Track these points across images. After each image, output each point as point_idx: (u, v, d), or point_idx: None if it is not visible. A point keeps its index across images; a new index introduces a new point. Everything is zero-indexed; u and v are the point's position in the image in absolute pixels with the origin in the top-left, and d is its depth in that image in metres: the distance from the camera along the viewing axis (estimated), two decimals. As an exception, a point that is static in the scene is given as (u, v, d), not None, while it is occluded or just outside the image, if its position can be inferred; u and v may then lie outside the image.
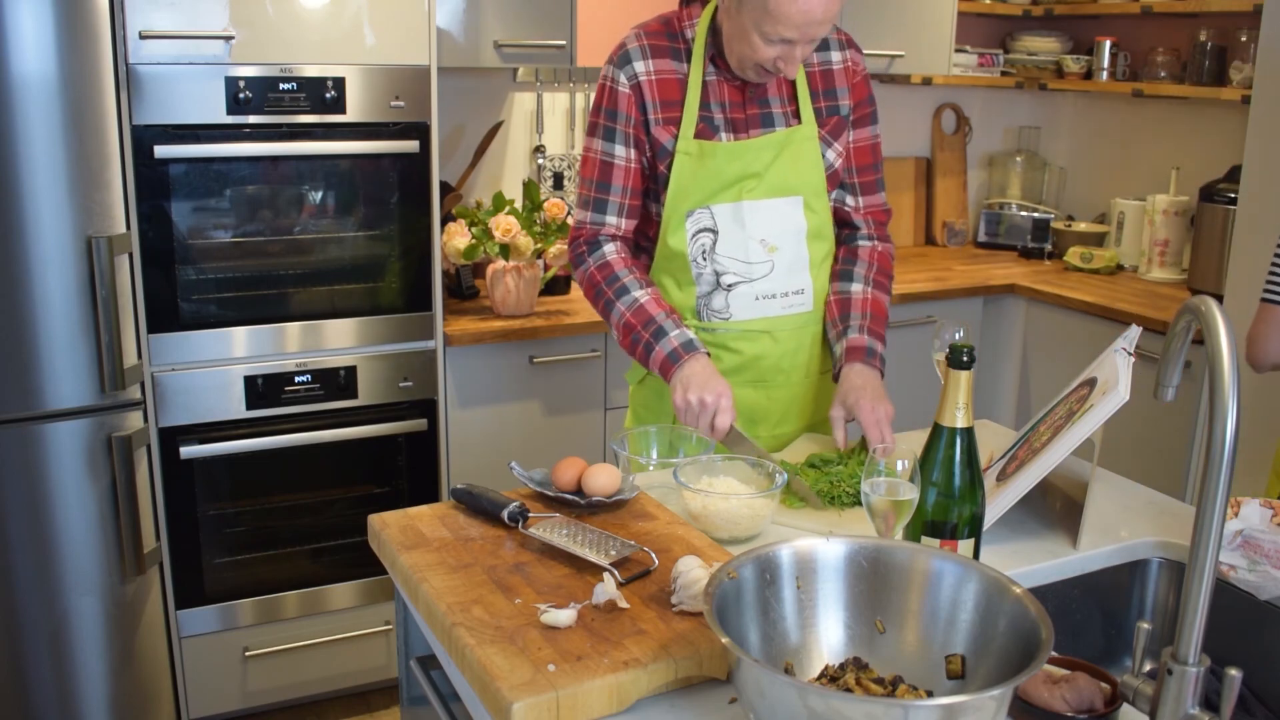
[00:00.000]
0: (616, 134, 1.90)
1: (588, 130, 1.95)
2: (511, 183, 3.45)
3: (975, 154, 4.26)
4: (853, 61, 1.96)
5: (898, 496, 1.34)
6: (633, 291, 1.88)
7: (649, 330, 1.85)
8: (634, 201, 1.94)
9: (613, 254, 1.93)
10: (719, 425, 1.76)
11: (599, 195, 1.93)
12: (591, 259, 1.93)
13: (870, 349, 1.88)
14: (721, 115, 1.88)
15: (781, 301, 1.93)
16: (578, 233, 1.96)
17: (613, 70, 1.90)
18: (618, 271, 1.90)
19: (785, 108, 1.91)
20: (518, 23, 2.97)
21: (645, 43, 1.89)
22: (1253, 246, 2.87)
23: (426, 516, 1.57)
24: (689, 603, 1.29)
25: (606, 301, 1.91)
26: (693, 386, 1.76)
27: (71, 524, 2.49)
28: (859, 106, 1.97)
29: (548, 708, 1.14)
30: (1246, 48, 3.29)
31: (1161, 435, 3.08)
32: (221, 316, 2.60)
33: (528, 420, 2.99)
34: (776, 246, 1.91)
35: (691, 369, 1.79)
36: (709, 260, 1.92)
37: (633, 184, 1.92)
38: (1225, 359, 1.04)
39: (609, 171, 1.91)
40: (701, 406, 1.75)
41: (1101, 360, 1.64)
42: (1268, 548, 1.49)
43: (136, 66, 2.40)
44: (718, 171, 1.87)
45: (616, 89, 1.89)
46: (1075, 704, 1.16)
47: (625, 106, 1.88)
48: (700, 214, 1.90)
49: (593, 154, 1.93)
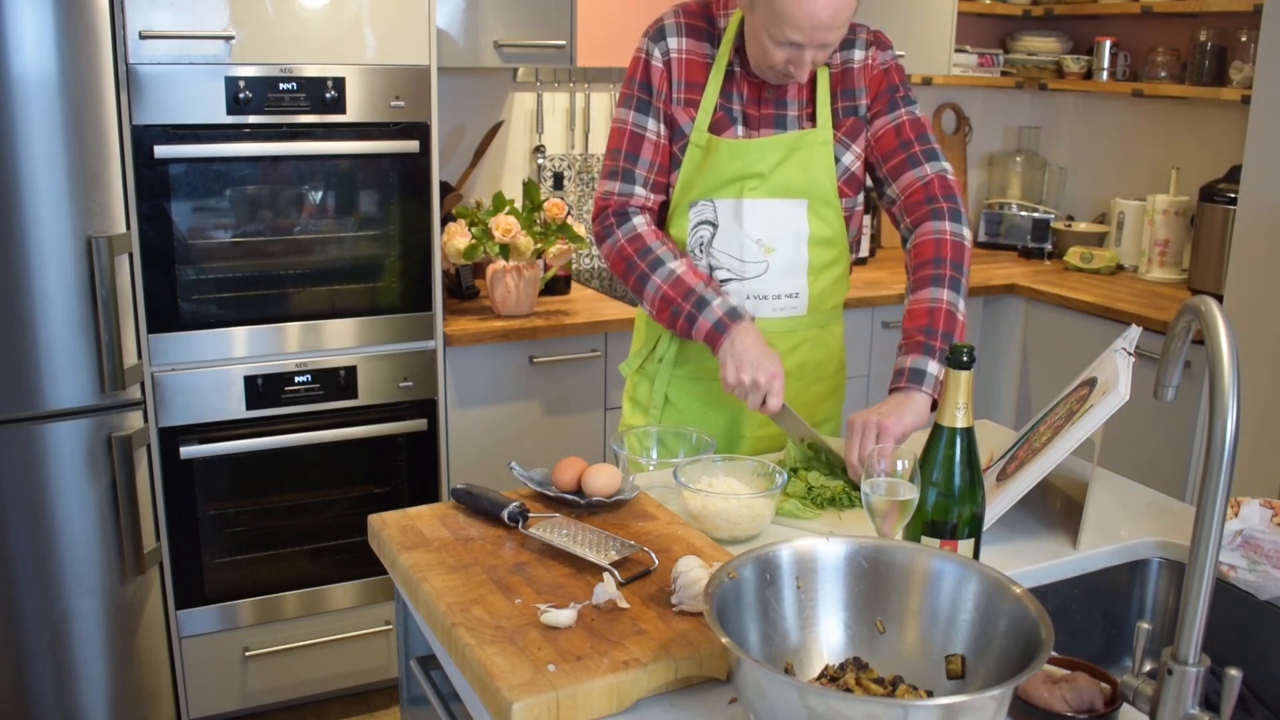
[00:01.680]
0: (650, 107, 1.89)
1: (619, 101, 1.94)
2: (511, 183, 3.45)
3: (975, 154, 4.26)
4: (873, 58, 1.92)
5: (898, 496, 1.34)
6: (668, 263, 1.85)
7: (690, 301, 1.82)
8: (660, 178, 1.93)
9: (643, 226, 1.90)
10: (771, 405, 1.75)
11: (627, 166, 1.91)
12: (621, 231, 1.90)
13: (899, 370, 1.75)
14: (739, 108, 1.88)
15: (774, 303, 1.92)
16: (605, 203, 1.93)
17: (648, 44, 1.90)
18: (650, 244, 1.88)
19: (801, 110, 1.90)
20: (518, 23, 2.97)
21: (682, 20, 1.89)
22: (1253, 246, 2.87)
23: (426, 516, 1.57)
24: (689, 603, 1.29)
25: (640, 275, 1.87)
26: (745, 365, 1.74)
27: (71, 524, 2.49)
28: (876, 99, 1.92)
29: (548, 708, 1.14)
30: (1246, 48, 3.29)
31: (1161, 435, 3.08)
32: (221, 316, 2.60)
33: (528, 420, 2.99)
34: (773, 248, 1.90)
35: (743, 343, 1.76)
36: (705, 253, 1.91)
37: (661, 160, 1.91)
38: (1225, 359, 1.04)
39: (639, 143, 1.90)
40: (755, 387, 1.74)
41: (1101, 360, 1.64)
42: (1268, 548, 1.49)
43: (136, 66, 2.40)
44: (720, 167, 1.87)
45: (651, 63, 1.89)
46: (1075, 704, 1.16)
47: (659, 81, 1.89)
48: (704, 205, 1.90)
49: (623, 125, 1.92)
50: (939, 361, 1.73)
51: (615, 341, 3.02)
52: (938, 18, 3.60)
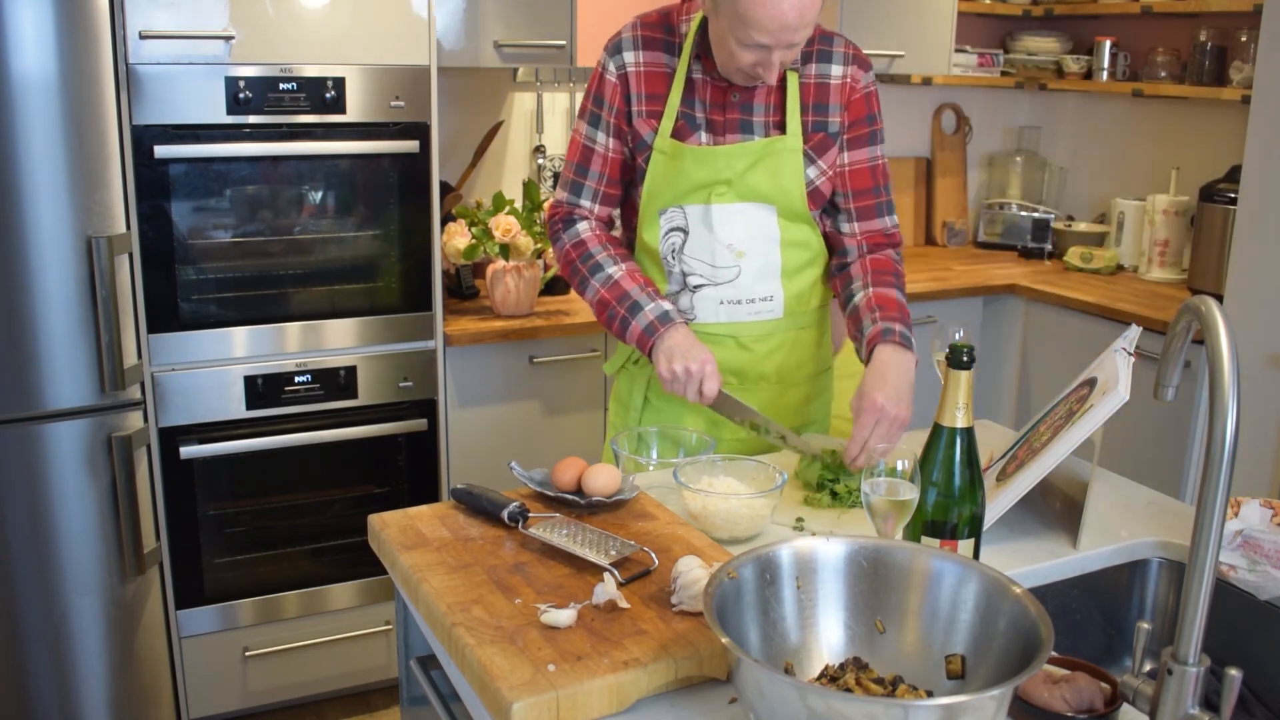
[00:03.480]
0: (600, 121, 1.91)
1: (578, 112, 1.97)
2: (511, 183, 3.45)
3: (975, 154, 4.26)
4: (853, 78, 1.88)
5: (898, 496, 1.34)
6: (607, 268, 1.89)
7: (624, 305, 1.85)
8: (610, 190, 1.95)
9: (587, 231, 1.94)
10: (706, 391, 1.76)
11: (576, 178, 1.95)
12: (566, 236, 1.95)
13: (887, 330, 1.79)
14: (702, 114, 1.87)
15: (748, 308, 1.91)
16: (554, 211, 1.99)
17: (605, 58, 1.91)
18: (592, 249, 1.92)
19: (769, 116, 1.87)
20: (518, 23, 2.97)
21: (640, 34, 1.89)
22: (1253, 246, 2.87)
23: (426, 516, 1.57)
24: (689, 603, 1.29)
25: (581, 279, 1.92)
26: (676, 356, 1.77)
27: (71, 524, 2.49)
28: (855, 125, 1.90)
29: (548, 708, 1.14)
30: (1246, 48, 3.29)
31: (1161, 435, 3.08)
32: (221, 316, 2.60)
33: (528, 420, 2.99)
34: (744, 252, 1.89)
35: (672, 340, 1.79)
36: (678, 260, 1.91)
37: (610, 172, 1.94)
38: (1225, 359, 1.04)
39: (589, 156, 1.93)
40: (688, 375, 1.76)
41: (1101, 360, 1.64)
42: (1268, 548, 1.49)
43: (136, 66, 2.40)
44: (686, 174, 1.86)
45: (605, 77, 1.90)
46: (1075, 704, 1.16)
47: (610, 95, 1.90)
48: (674, 212, 1.90)
49: (578, 136, 1.96)
50: (913, 338, 1.81)
51: (615, 341, 3.02)
52: (938, 18, 3.60)
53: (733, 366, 1.93)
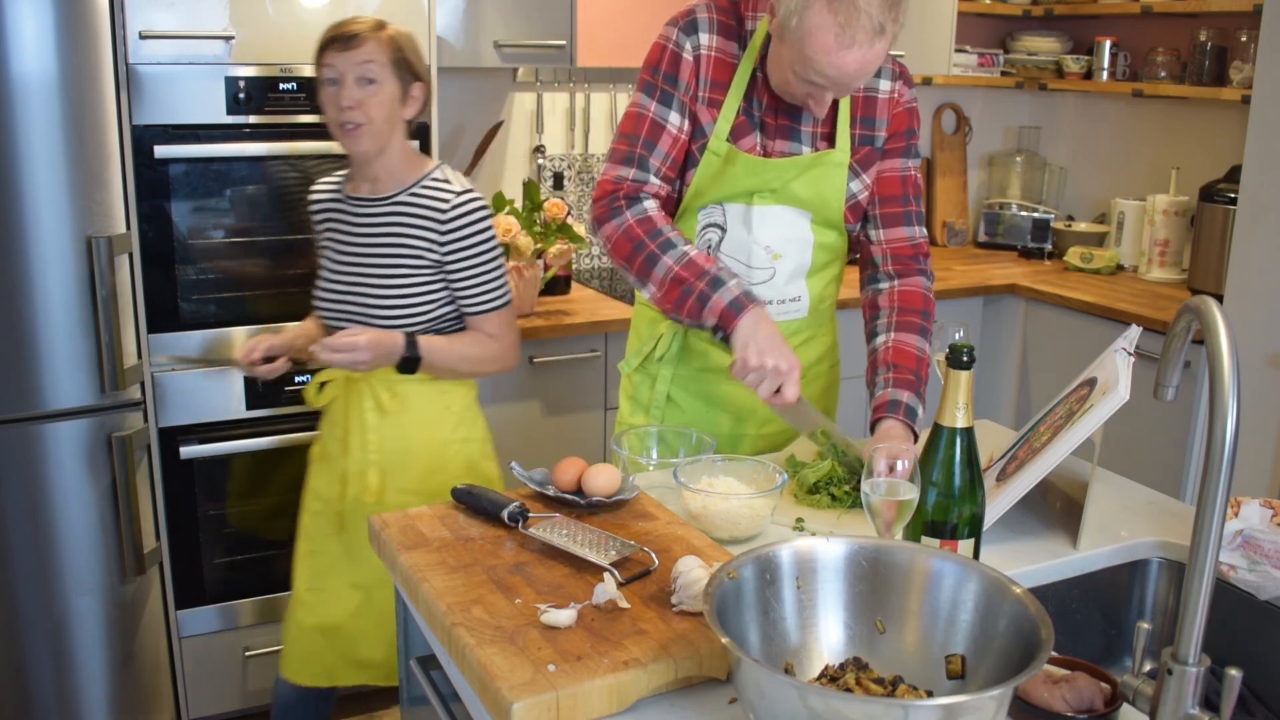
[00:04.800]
0: (674, 100, 1.84)
1: (639, 87, 1.88)
2: (511, 183, 3.45)
3: (975, 154, 4.26)
4: (899, 93, 1.89)
5: (898, 496, 1.34)
6: (680, 245, 1.80)
7: (704, 280, 1.75)
8: (671, 173, 1.88)
9: (654, 210, 1.85)
10: (789, 395, 1.69)
11: (644, 153, 1.85)
12: (630, 212, 1.83)
13: (894, 402, 1.77)
14: (759, 114, 1.85)
15: (778, 308, 1.92)
16: (615, 187, 1.86)
17: (679, 35, 1.84)
18: (661, 226, 1.82)
19: (817, 128, 1.86)
20: (518, 23, 2.97)
21: (714, 15, 1.85)
22: (1253, 246, 2.87)
23: (426, 516, 1.57)
24: (689, 603, 1.29)
25: (649, 255, 1.80)
26: (768, 350, 1.68)
27: (71, 524, 2.49)
28: (893, 138, 1.90)
29: (548, 708, 1.14)
30: (1246, 48, 3.30)
31: (1161, 435, 3.08)
32: (221, 316, 2.60)
33: (528, 420, 2.99)
34: (780, 254, 1.89)
35: (763, 329, 1.71)
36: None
37: (676, 154, 1.86)
38: (1225, 359, 1.04)
39: (658, 133, 1.85)
40: (774, 373, 1.67)
41: (1101, 360, 1.64)
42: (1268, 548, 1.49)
43: (136, 66, 2.39)
44: (735, 180, 1.85)
45: (681, 55, 1.84)
46: (1075, 704, 1.16)
47: (687, 75, 1.84)
48: (713, 209, 1.89)
49: (644, 111, 1.85)
50: (922, 408, 1.78)
51: (615, 341, 3.02)
52: (938, 18, 3.60)
53: None
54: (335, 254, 2.15)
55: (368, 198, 2.11)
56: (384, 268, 2.08)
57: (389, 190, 2.10)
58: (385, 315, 2.09)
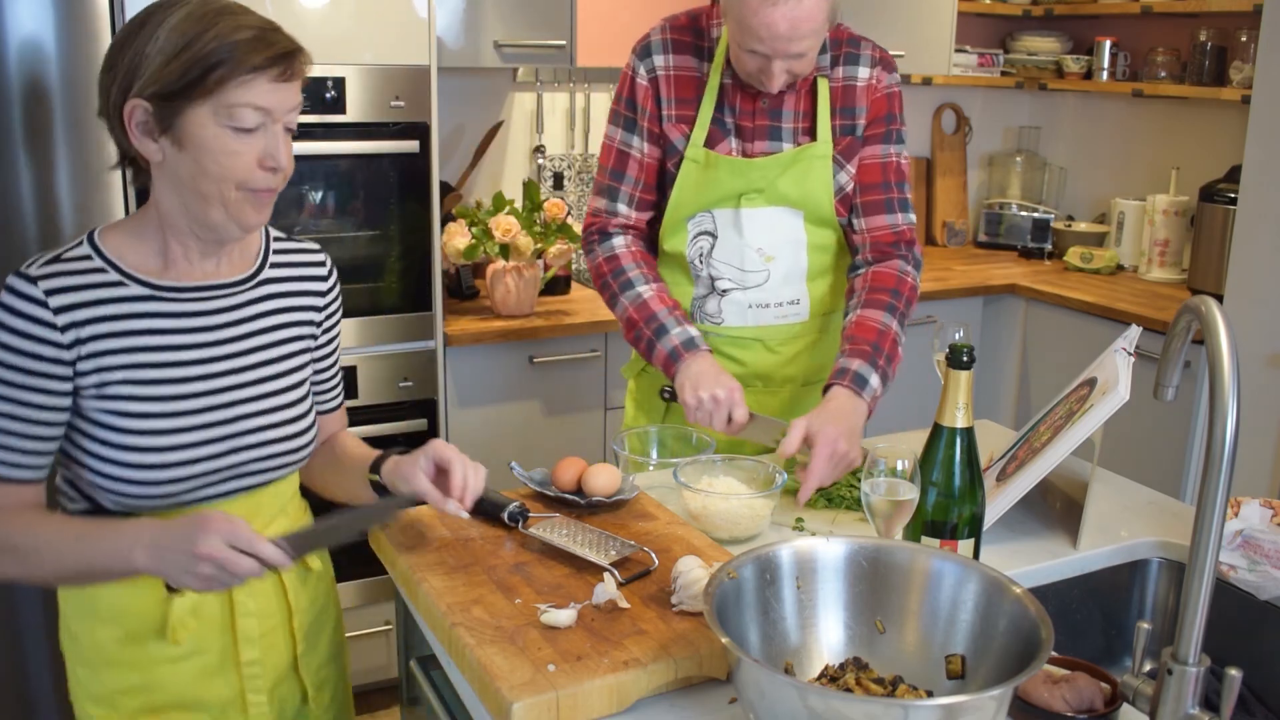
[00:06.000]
0: (635, 125, 1.89)
1: (609, 118, 1.94)
2: (511, 183, 3.45)
3: (975, 154, 4.26)
4: (878, 79, 1.88)
5: (898, 496, 1.34)
6: (637, 286, 1.87)
7: (651, 327, 1.83)
8: (647, 195, 1.93)
9: (622, 247, 1.91)
10: (737, 418, 1.73)
11: (613, 183, 1.92)
12: (601, 250, 1.93)
13: (843, 369, 1.75)
14: (732, 120, 1.87)
15: (775, 311, 1.92)
16: (592, 221, 1.96)
17: (635, 61, 1.89)
18: (624, 265, 1.89)
19: (798, 123, 1.87)
20: (518, 23, 2.97)
21: (669, 36, 1.88)
22: (1253, 246, 2.87)
23: (426, 516, 1.57)
24: (689, 603, 1.29)
25: (611, 295, 1.90)
26: (703, 384, 1.73)
27: (71, 524, 2.49)
28: (874, 124, 1.90)
29: (548, 708, 1.14)
30: (1246, 48, 3.30)
31: (1161, 435, 3.08)
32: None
33: (528, 420, 2.99)
34: (773, 256, 1.89)
35: (698, 367, 1.76)
36: (705, 264, 1.91)
37: (647, 178, 1.91)
38: (1225, 359, 1.04)
39: (625, 161, 1.91)
40: (715, 403, 1.72)
41: (1101, 360, 1.64)
42: (1268, 548, 1.49)
43: (136, 66, 2.39)
44: (719, 183, 1.86)
45: (636, 80, 1.89)
46: (1075, 704, 1.16)
47: (643, 99, 1.88)
48: (702, 217, 1.90)
49: (611, 142, 1.93)
50: (880, 379, 1.76)
51: (615, 341, 3.02)
52: (938, 18, 3.60)
53: (760, 370, 1.94)
54: (173, 376, 1.35)
55: (225, 283, 1.41)
56: (272, 374, 1.44)
57: (249, 266, 1.45)
58: (287, 439, 1.45)
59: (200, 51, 1.25)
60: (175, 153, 1.29)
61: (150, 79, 1.26)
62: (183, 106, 1.26)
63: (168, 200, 1.34)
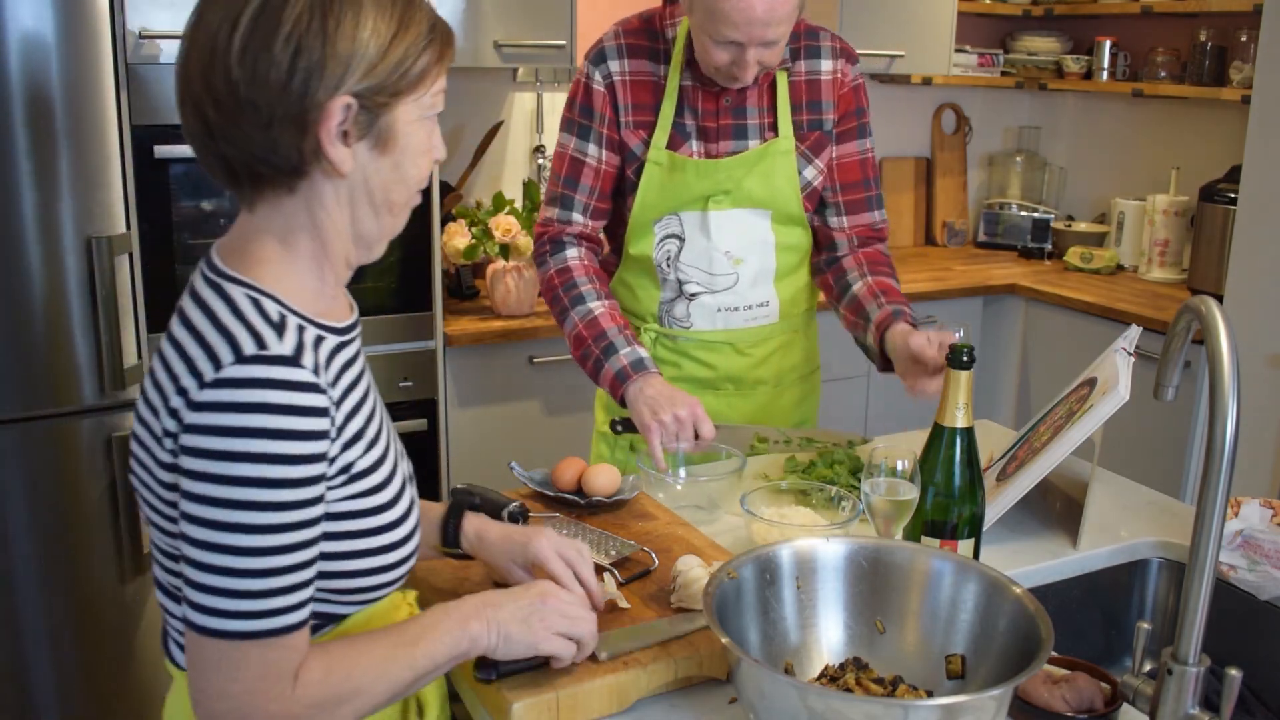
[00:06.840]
0: (590, 132, 1.85)
1: (561, 125, 1.90)
2: (511, 183, 3.45)
3: (975, 154, 4.26)
4: (842, 72, 1.86)
5: (898, 496, 1.34)
6: (589, 302, 1.82)
7: (600, 345, 1.79)
8: (601, 204, 1.89)
9: (574, 259, 1.87)
10: (705, 434, 1.67)
11: (566, 192, 1.88)
12: (552, 260, 1.88)
13: (898, 311, 1.76)
14: (693, 122, 1.83)
15: (745, 314, 1.90)
16: (544, 230, 1.91)
17: (588, 67, 1.85)
18: (576, 279, 1.85)
19: (762, 119, 1.84)
20: (518, 23, 2.97)
21: (623, 41, 1.84)
22: (1253, 246, 2.87)
23: (426, 516, 1.57)
24: (689, 603, 1.29)
25: (561, 309, 1.85)
26: (661, 406, 1.67)
27: (71, 524, 2.49)
28: (845, 119, 1.88)
29: (548, 707, 1.14)
30: (1246, 48, 3.30)
31: (1161, 435, 3.08)
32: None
33: (528, 420, 2.99)
34: (742, 259, 1.87)
35: (651, 390, 1.70)
36: (673, 268, 1.88)
37: (602, 185, 1.87)
38: (1225, 359, 1.04)
39: (579, 169, 1.86)
40: (678, 423, 1.66)
41: (1101, 360, 1.64)
42: (1268, 548, 1.49)
43: (136, 66, 2.39)
44: (686, 185, 1.83)
45: (591, 86, 1.84)
46: (1075, 704, 1.16)
47: (600, 105, 1.84)
48: (669, 220, 1.87)
49: (563, 150, 1.88)
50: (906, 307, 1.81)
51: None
52: (938, 18, 3.60)
53: (730, 373, 1.93)
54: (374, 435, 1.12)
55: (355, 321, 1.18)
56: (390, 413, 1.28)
57: None
58: None
59: (418, 35, 1.03)
60: (373, 158, 1.04)
61: (365, 71, 1.00)
62: (394, 102, 1.03)
63: (337, 219, 1.07)
